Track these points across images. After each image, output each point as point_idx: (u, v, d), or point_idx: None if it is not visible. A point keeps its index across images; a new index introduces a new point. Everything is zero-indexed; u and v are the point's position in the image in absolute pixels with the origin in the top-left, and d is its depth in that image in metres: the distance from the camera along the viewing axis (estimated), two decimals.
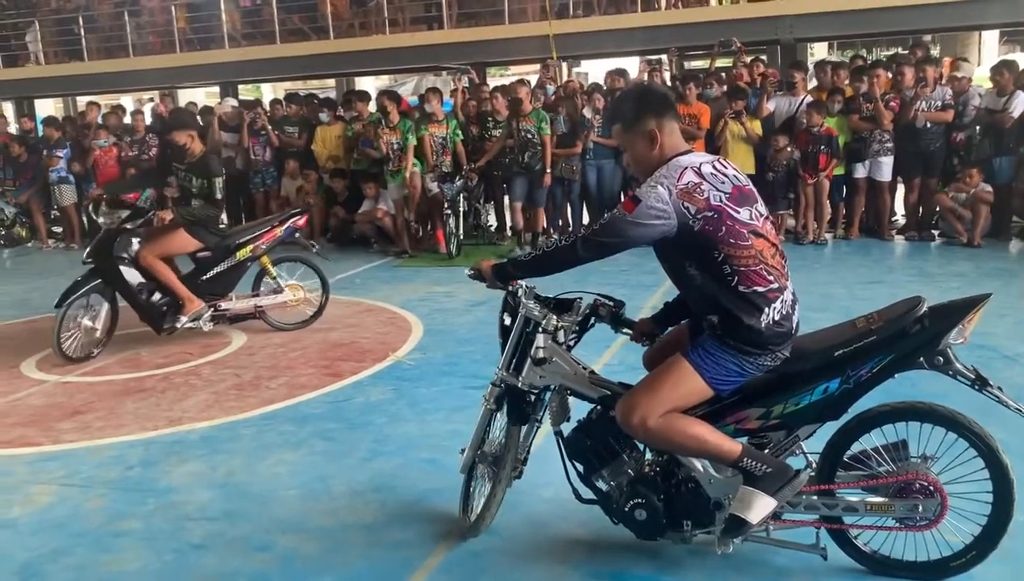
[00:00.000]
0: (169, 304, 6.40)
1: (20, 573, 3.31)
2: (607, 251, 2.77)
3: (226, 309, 6.66)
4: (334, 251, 10.57)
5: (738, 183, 2.79)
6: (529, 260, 2.93)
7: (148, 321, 6.44)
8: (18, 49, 17.98)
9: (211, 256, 6.54)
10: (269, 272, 6.82)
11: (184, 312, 6.36)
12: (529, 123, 9.65)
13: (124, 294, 6.34)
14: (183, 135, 6.39)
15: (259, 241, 6.68)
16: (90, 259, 6.32)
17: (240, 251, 6.61)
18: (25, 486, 4.14)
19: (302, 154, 11.17)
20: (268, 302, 6.84)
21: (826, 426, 2.93)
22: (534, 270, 2.95)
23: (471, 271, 3.14)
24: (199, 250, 6.50)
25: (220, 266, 6.57)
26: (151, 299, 6.36)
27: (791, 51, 12.91)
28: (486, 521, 3.32)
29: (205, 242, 6.46)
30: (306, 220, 7.29)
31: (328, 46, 15.44)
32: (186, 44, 16.68)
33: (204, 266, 6.56)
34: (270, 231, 6.76)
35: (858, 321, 2.86)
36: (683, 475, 2.99)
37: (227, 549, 3.44)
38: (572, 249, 2.79)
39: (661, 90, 3.13)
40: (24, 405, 5.38)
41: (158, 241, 6.34)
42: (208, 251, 6.52)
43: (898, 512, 2.87)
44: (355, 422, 4.81)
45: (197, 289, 6.47)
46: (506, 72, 23.00)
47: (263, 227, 6.83)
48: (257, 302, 6.81)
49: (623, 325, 3.25)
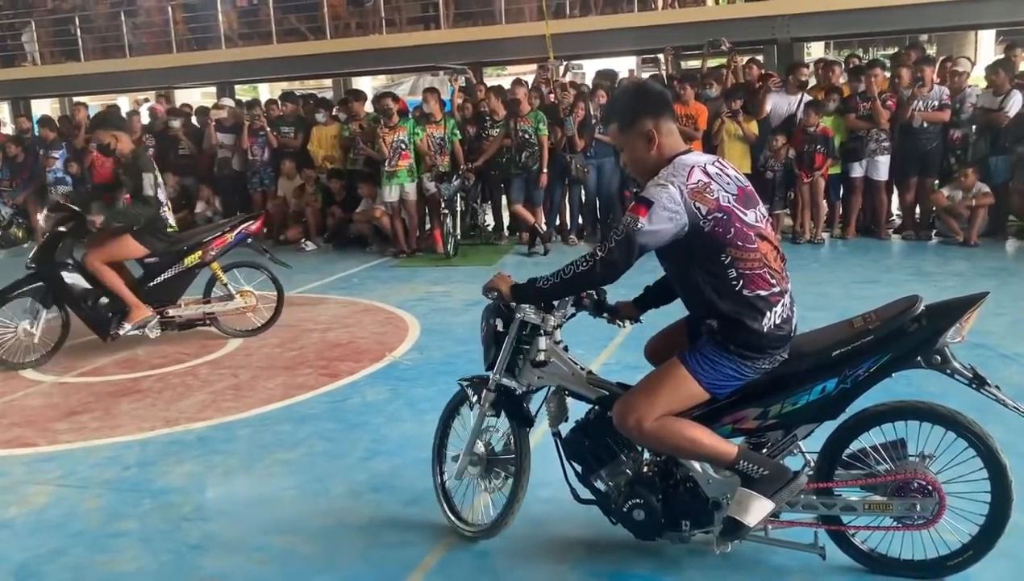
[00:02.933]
0: (115, 310, 6.28)
1: (17, 573, 3.30)
2: (625, 266, 2.69)
3: (174, 315, 6.54)
4: (331, 251, 10.60)
5: (740, 184, 2.78)
6: (550, 287, 2.85)
7: (93, 328, 6.33)
8: (14, 49, 17.93)
9: (159, 262, 6.40)
10: (220, 278, 6.69)
11: (130, 319, 6.23)
12: (527, 123, 9.67)
13: (67, 300, 6.21)
14: (106, 135, 6.24)
15: (208, 247, 6.55)
16: (33, 264, 6.17)
17: (189, 257, 6.48)
18: (22, 486, 4.13)
19: (299, 154, 11.16)
20: (218, 309, 6.69)
21: (825, 425, 2.93)
22: (555, 295, 2.95)
23: (489, 290, 3.02)
24: (146, 255, 6.35)
25: (168, 272, 6.45)
26: (96, 305, 6.24)
27: (788, 51, 12.92)
28: (508, 523, 3.30)
29: (152, 247, 6.30)
30: (260, 225, 7.18)
31: (325, 46, 15.42)
32: (183, 44, 16.64)
33: (151, 272, 6.43)
34: (221, 237, 6.64)
35: (855, 320, 2.86)
36: (681, 475, 2.99)
37: (224, 549, 3.43)
38: (591, 272, 2.72)
39: (658, 89, 3.07)
40: (21, 405, 5.36)
41: (103, 246, 6.19)
42: (156, 257, 6.37)
43: (896, 511, 2.86)
44: (353, 422, 4.81)
45: (145, 295, 6.34)
46: (503, 72, 23.02)
47: (214, 233, 6.70)
48: (207, 309, 6.67)
49: (604, 310, 3.26)
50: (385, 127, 9.86)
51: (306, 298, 8.12)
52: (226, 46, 16.19)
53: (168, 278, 6.45)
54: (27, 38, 17.70)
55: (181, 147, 11.96)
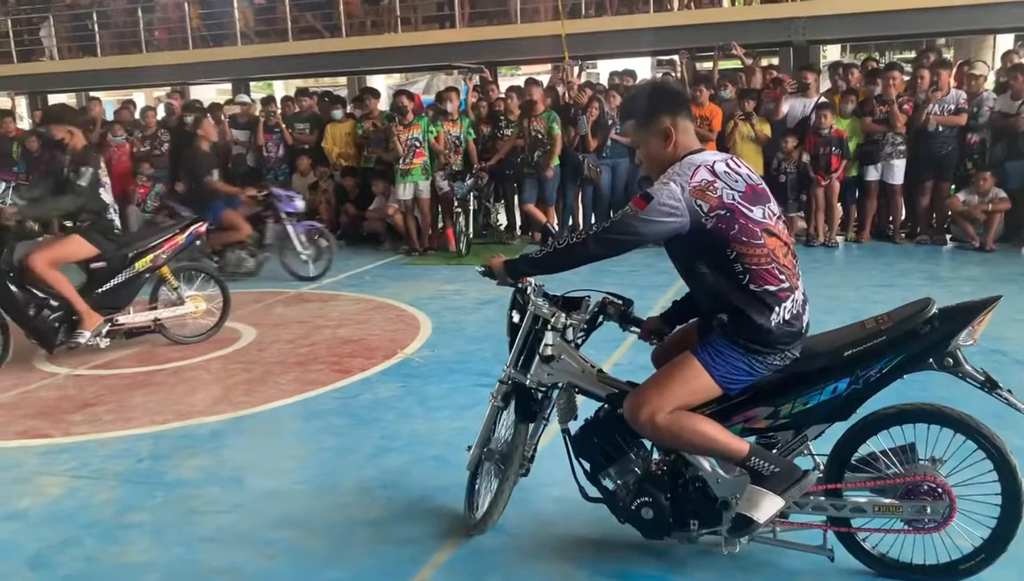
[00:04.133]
0: (61, 319, 5.93)
1: (30, 563, 3.33)
2: (619, 248, 2.79)
3: (123, 323, 6.25)
4: (344, 248, 10.63)
5: (751, 182, 2.79)
6: (541, 257, 2.93)
7: (37, 339, 5.97)
8: (32, 44, 18.06)
9: (106, 266, 6.08)
10: (170, 282, 6.44)
11: (84, 327, 5.92)
12: (539, 124, 9.68)
13: (8, 309, 5.83)
14: (61, 130, 5.98)
15: (160, 250, 6.29)
16: None
17: (140, 261, 6.19)
18: (36, 477, 4.17)
19: (313, 151, 11.20)
20: (168, 314, 6.43)
21: (834, 427, 2.93)
22: (546, 267, 2.96)
23: (482, 268, 3.13)
24: (93, 259, 6.05)
25: (118, 277, 6.13)
26: (40, 314, 5.85)
27: (803, 53, 12.86)
28: (493, 518, 3.33)
29: (102, 249, 6.01)
30: (206, 227, 6.90)
31: (340, 44, 15.45)
32: (199, 41, 16.72)
33: (100, 277, 6.09)
34: (171, 239, 6.38)
35: (868, 322, 2.86)
36: (690, 474, 2.99)
37: (236, 543, 3.45)
38: (584, 246, 2.80)
39: (676, 87, 3.13)
40: (35, 397, 5.41)
41: (51, 247, 5.94)
42: (103, 261, 6.06)
43: (906, 514, 2.86)
44: (364, 418, 4.83)
45: (93, 302, 6.03)
46: (517, 72, 23.02)
47: (164, 234, 6.42)
48: (157, 315, 6.40)
49: (631, 323, 3.25)
50: (400, 125, 9.88)
51: (319, 294, 8.16)
52: (242, 43, 16.26)
53: (118, 283, 6.13)
54: (45, 33, 17.81)
55: None
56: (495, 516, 3.33)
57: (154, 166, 11.80)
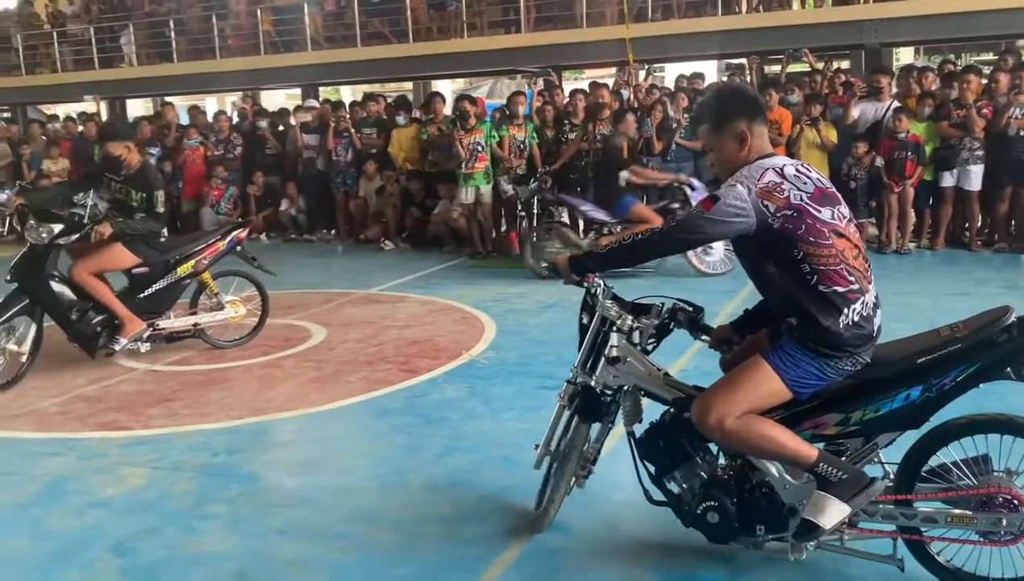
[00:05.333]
0: (104, 324, 5.96)
1: (115, 548, 3.48)
2: (683, 246, 2.87)
3: (163, 328, 6.26)
4: (409, 250, 10.80)
5: (821, 185, 2.79)
6: (606, 252, 2.98)
7: (80, 343, 6.00)
8: (113, 51, 18.72)
9: (148, 272, 6.12)
10: (210, 288, 6.48)
11: (124, 333, 5.93)
12: (606, 127, 9.67)
13: (54, 315, 5.87)
14: (119, 146, 6.00)
15: (201, 256, 6.31)
16: (14, 277, 5.78)
17: (181, 267, 6.23)
18: (118, 467, 4.35)
19: (380, 155, 11.39)
20: (208, 319, 6.48)
21: (906, 435, 2.89)
22: (610, 262, 3.00)
23: (547, 265, 3.18)
24: (136, 265, 6.06)
25: (159, 283, 6.17)
26: (83, 319, 5.90)
27: (876, 56, 12.62)
28: (550, 516, 3.36)
29: (144, 257, 6.04)
30: (247, 233, 6.87)
31: (407, 49, 15.67)
32: (270, 46, 17.13)
33: (142, 283, 6.13)
34: (213, 245, 6.40)
35: (943, 329, 2.82)
36: (757, 479, 2.98)
37: (308, 536, 3.55)
38: (649, 242, 2.84)
39: (753, 92, 3.15)
40: (116, 391, 5.63)
41: (93, 256, 5.90)
42: (145, 266, 6.09)
43: (980, 525, 2.80)
44: (431, 417, 4.91)
45: (134, 307, 6.04)
46: (581, 76, 23.01)
47: (205, 240, 6.45)
48: (197, 320, 6.44)
49: (701, 331, 3.26)
50: (462, 129, 9.98)
51: (386, 296, 8.30)
52: (312, 49, 16.60)
53: (159, 289, 6.18)
54: (125, 40, 18.44)
55: (268, 147, 12.34)
56: (551, 514, 3.36)
57: (227, 169, 12.16)
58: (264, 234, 12.45)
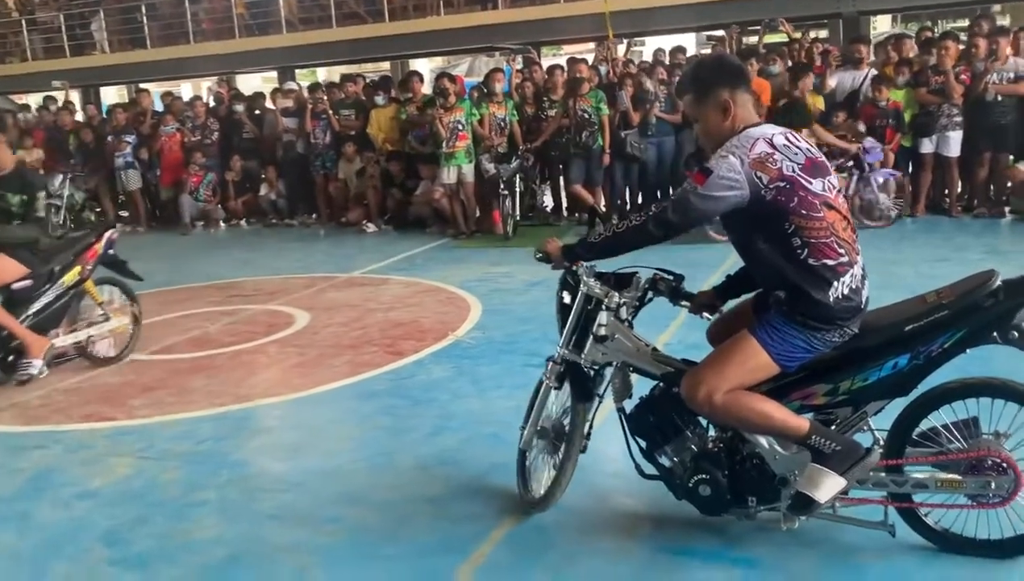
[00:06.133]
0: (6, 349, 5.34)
1: (104, 539, 3.45)
2: (680, 228, 2.74)
3: (59, 347, 5.61)
4: (392, 233, 10.74)
5: (811, 155, 2.76)
6: (600, 241, 2.91)
7: None
8: (84, 38, 18.45)
9: (32, 285, 5.41)
10: (94, 297, 5.83)
11: (33, 354, 5.32)
12: (586, 103, 9.62)
13: None
14: None
15: (84, 260, 5.68)
16: None
17: (68, 274, 5.58)
18: (104, 458, 4.31)
19: (359, 137, 11.29)
20: (97, 331, 5.80)
21: (895, 402, 2.90)
22: (605, 252, 2.94)
23: (538, 253, 3.11)
24: (23, 277, 5.37)
25: (48, 295, 5.50)
26: None
27: (854, 24, 12.62)
28: (556, 496, 3.35)
29: (31, 267, 5.38)
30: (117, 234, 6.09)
31: (383, 29, 15.56)
32: (244, 29, 16.93)
33: (25, 298, 5.40)
34: (91, 248, 5.75)
35: (928, 296, 2.81)
36: (748, 451, 2.98)
37: (298, 520, 3.53)
38: (643, 228, 2.77)
39: (736, 61, 3.10)
40: (98, 383, 5.57)
41: None
42: (29, 279, 5.39)
43: (969, 489, 2.82)
44: (418, 398, 4.89)
45: (31, 326, 5.41)
46: (559, 52, 22.89)
47: (82, 243, 5.77)
48: (88, 333, 5.77)
49: (682, 298, 3.23)
50: (442, 108, 9.90)
51: (369, 278, 8.26)
52: (287, 31, 16.42)
53: (50, 302, 5.51)
54: (96, 27, 18.21)
55: (245, 131, 12.21)
56: (558, 494, 3.35)
57: (205, 155, 12.03)
58: (244, 220, 12.35)
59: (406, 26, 15.43)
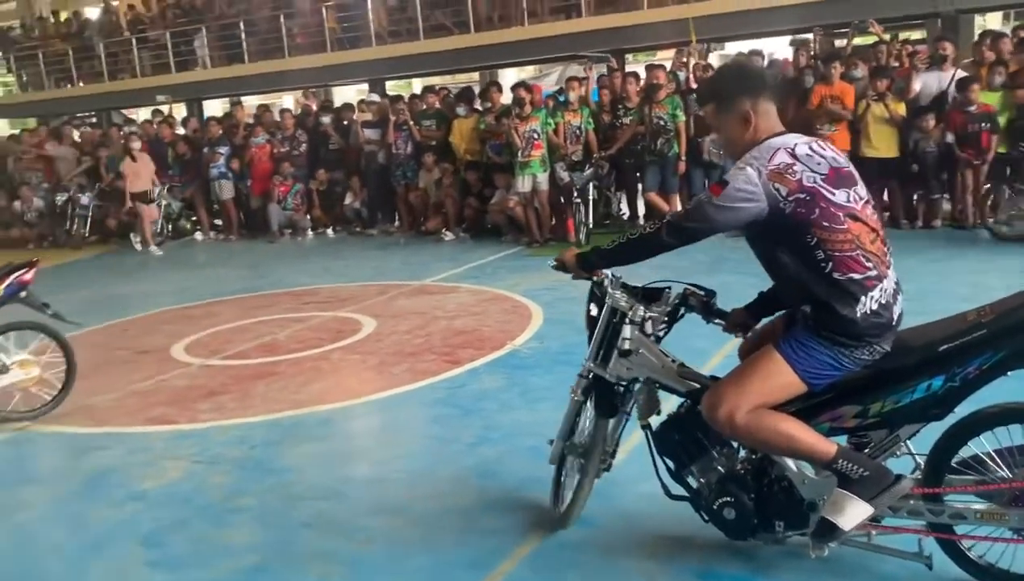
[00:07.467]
0: None
1: (144, 542, 3.58)
2: (693, 237, 2.68)
3: None
4: (468, 241, 10.82)
5: (836, 165, 2.63)
6: (613, 249, 2.87)
7: None
8: (187, 54, 19.30)
9: None
10: None
11: None
12: (662, 110, 9.49)
13: None
14: None
15: None
16: None
17: None
18: (159, 461, 4.46)
19: (439, 147, 11.42)
20: None
21: (936, 426, 2.72)
22: (618, 259, 2.90)
23: (554, 262, 3.10)
24: None
25: None
26: None
27: (953, 24, 12.03)
28: (575, 513, 3.30)
29: None
30: (34, 274, 5.19)
31: (470, 40, 15.70)
32: (336, 43, 17.38)
33: None
34: None
35: (969, 314, 2.64)
36: (776, 474, 2.85)
37: (332, 528, 3.57)
38: (656, 236, 2.71)
39: (757, 69, 3.02)
40: (169, 386, 5.79)
41: None
42: None
43: (1014, 522, 2.63)
44: (467, 408, 4.90)
45: None
46: (653, 57, 22.62)
47: None
48: None
49: (714, 315, 3.13)
50: (517, 118, 9.91)
51: (439, 286, 8.33)
52: (376, 44, 16.77)
53: None
54: (199, 43, 19.01)
55: (331, 142, 12.50)
56: (576, 511, 3.30)
57: (293, 165, 12.39)
58: (331, 229, 12.64)
59: (491, 37, 15.54)
